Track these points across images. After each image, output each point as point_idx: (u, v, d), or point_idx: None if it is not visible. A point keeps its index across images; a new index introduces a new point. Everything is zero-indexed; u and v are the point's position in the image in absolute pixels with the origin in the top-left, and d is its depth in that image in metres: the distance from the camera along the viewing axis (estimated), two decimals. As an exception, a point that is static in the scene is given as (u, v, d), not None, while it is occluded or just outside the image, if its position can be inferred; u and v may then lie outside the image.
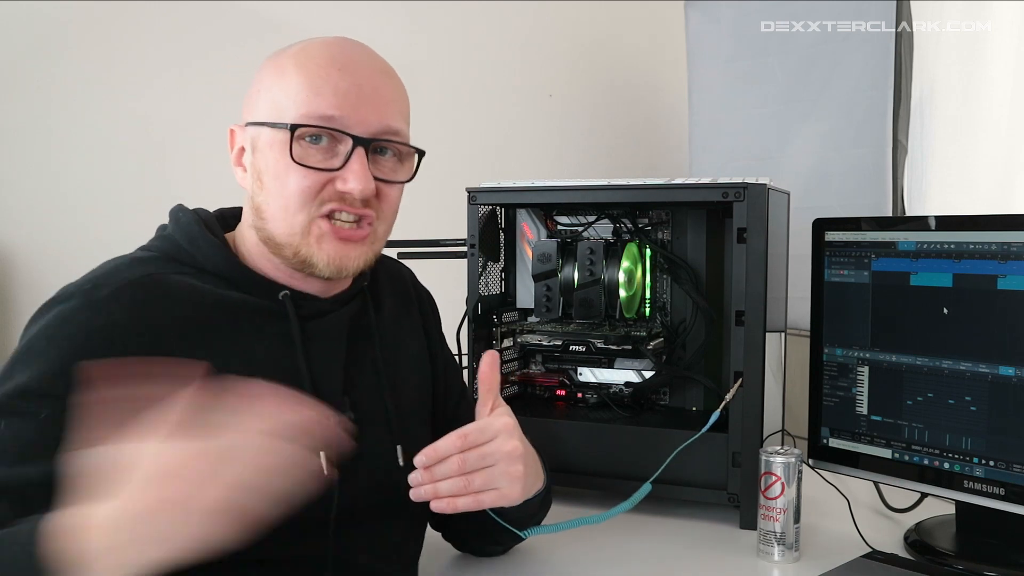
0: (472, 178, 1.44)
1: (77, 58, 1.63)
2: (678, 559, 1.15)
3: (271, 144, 0.88)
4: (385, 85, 0.91)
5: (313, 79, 0.87)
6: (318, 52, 0.88)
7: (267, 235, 0.89)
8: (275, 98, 0.88)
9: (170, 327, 0.83)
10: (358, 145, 0.87)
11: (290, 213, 0.87)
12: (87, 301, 0.82)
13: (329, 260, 0.88)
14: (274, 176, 0.88)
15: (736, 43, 2.07)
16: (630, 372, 1.45)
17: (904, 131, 1.79)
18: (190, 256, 0.89)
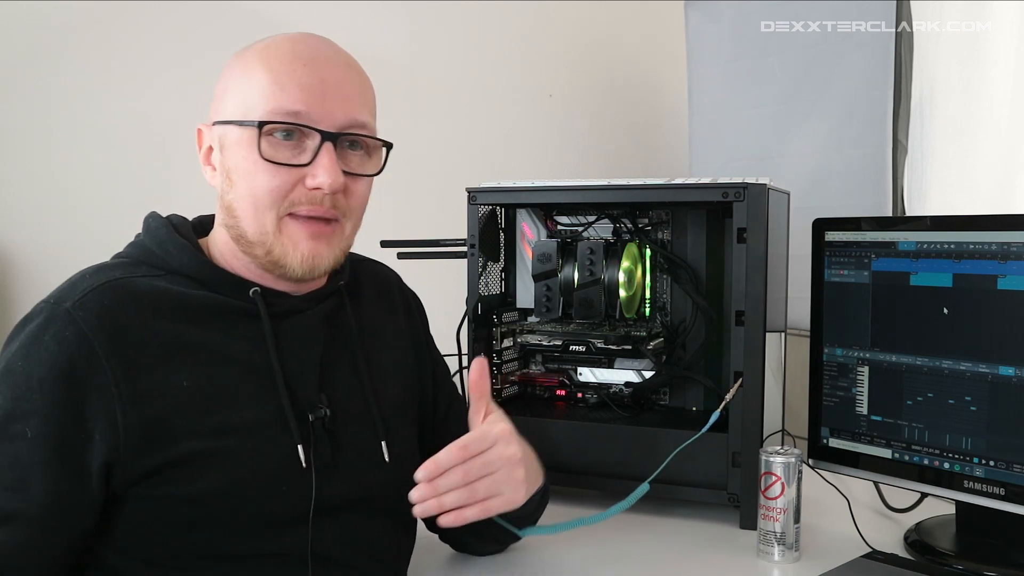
0: (472, 178, 1.44)
1: (77, 58, 1.63)
2: (678, 559, 1.15)
3: (239, 142, 0.88)
4: (350, 79, 0.91)
5: (278, 75, 0.87)
6: (282, 49, 0.88)
7: (239, 233, 0.90)
8: (242, 96, 0.88)
9: (139, 328, 0.84)
10: (326, 140, 0.87)
11: (260, 211, 0.87)
12: (54, 315, 0.82)
13: (302, 259, 0.89)
14: (243, 174, 0.88)
15: (736, 43, 2.07)
16: (630, 372, 1.45)
17: (904, 131, 1.78)
18: (160, 259, 0.90)
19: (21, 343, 0.82)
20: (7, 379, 0.81)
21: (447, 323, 1.43)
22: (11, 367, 0.82)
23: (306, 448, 0.89)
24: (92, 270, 0.88)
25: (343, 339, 0.98)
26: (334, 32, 0.96)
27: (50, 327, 0.82)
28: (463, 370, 1.49)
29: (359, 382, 0.97)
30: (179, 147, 1.72)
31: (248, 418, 0.87)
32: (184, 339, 0.86)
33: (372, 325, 1.03)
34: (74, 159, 1.63)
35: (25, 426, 0.79)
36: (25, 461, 0.79)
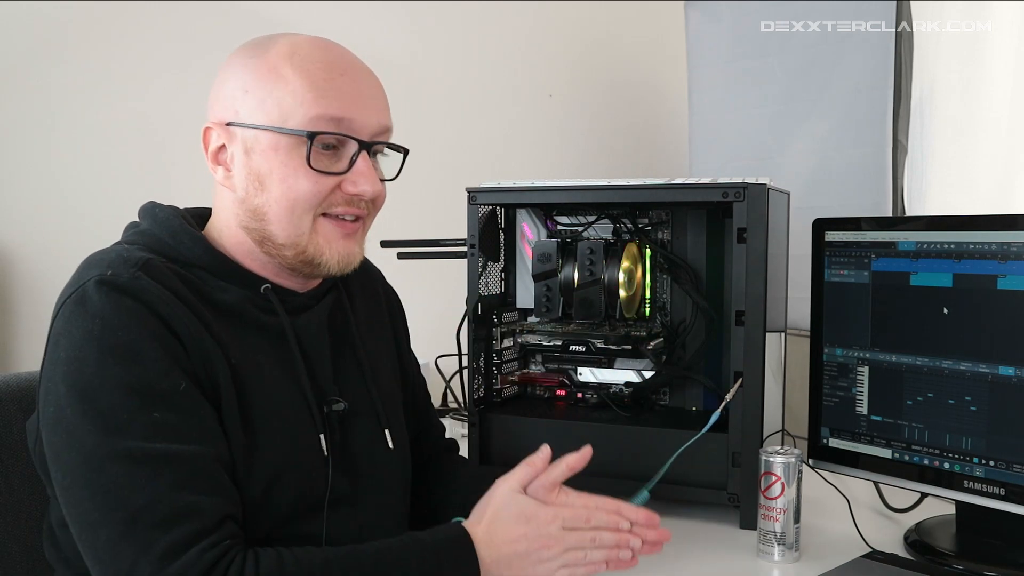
0: (472, 178, 1.44)
1: (77, 58, 1.63)
2: (678, 559, 1.15)
3: (275, 148, 0.88)
4: (377, 85, 0.94)
5: (318, 83, 0.88)
6: (314, 55, 0.89)
7: (266, 235, 0.91)
8: (274, 101, 0.88)
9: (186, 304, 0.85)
10: (363, 148, 0.90)
11: (297, 215, 0.89)
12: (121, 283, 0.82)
13: (340, 258, 0.92)
14: (280, 180, 0.88)
15: (736, 43, 2.07)
16: (630, 372, 1.45)
17: (904, 131, 1.79)
18: (173, 250, 0.90)
19: (100, 316, 0.81)
20: (114, 351, 0.80)
21: (447, 323, 1.43)
22: (106, 340, 0.80)
23: (325, 438, 0.92)
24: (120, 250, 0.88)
25: (344, 332, 1.01)
26: (334, 32, 0.96)
27: (125, 294, 0.81)
28: (463, 370, 1.49)
29: (361, 374, 1.00)
30: (179, 147, 1.73)
31: (280, 408, 0.90)
32: (217, 325, 0.87)
33: (365, 318, 1.06)
34: (74, 159, 1.64)
35: (172, 381, 0.81)
36: (193, 410, 0.81)
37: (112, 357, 0.80)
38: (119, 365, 0.80)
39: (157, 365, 0.80)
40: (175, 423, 0.80)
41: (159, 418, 0.79)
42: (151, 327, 0.81)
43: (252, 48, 0.92)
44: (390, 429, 1.00)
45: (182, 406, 0.81)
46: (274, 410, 0.89)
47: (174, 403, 0.80)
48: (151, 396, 0.79)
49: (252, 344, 0.90)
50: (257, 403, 0.88)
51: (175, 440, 0.79)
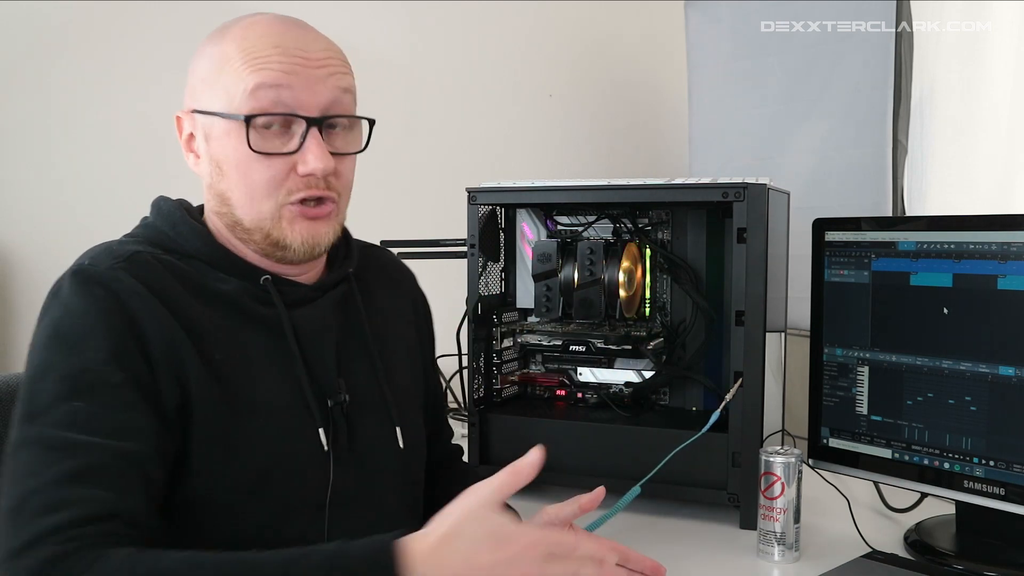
0: (472, 178, 1.44)
1: (77, 58, 1.63)
2: (678, 559, 1.15)
3: (227, 133, 0.87)
4: (328, 57, 0.90)
5: (256, 63, 0.86)
6: (257, 34, 0.87)
7: (234, 220, 0.90)
8: (221, 85, 0.87)
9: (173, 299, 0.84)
10: (312, 125, 0.87)
11: (257, 201, 0.88)
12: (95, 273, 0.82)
13: (303, 240, 0.89)
14: (235, 165, 0.88)
15: (736, 43, 2.07)
16: (630, 372, 1.45)
17: (904, 131, 1.79)
18: (173, 242, 0.90)
19: (67, 305, 0.81)
20: (62, 341, 0.80)
21: (447, 323, 1.43)
22: (63, 330, 0.80)
23: (326, 433, 0.90)
24: (114, 243, 0.88)
25: (355, 326, 0.98)
26: (334, 32, 0.96)
27: (95, 285, 0.81)
28: (463, 370, 1.49)
29: (372, 368, 0.98)
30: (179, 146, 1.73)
31: (272, 400, 0.88)
32: (208, 318, 0.86)
33: (382, 311, 1.03)
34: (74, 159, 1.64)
35: (107, 373, 0.79)
36: (120, 406, 0.79)
37: (58, 345, 0.80)
38: (61, 353, 0.79)
39: (97, 356, 0.79)
40: (94, 415, 0.78)
41: (79, 408, 0.77)
42: (110, 319, 0.80)
43: (215, 33, 0.91)
44: (401, 427, 0.97)
45: (108, 400, 0.79)
46: (262, 405, 0.87)
47: (100, 395, 0.78)
48: (80, 386, 0.78)
49: (246, 337, 0.88)
50: (243, 398, 0.85)
51: (87, 432, 0.77)
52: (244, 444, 0.85)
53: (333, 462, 0.90)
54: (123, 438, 0.78)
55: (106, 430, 0.77)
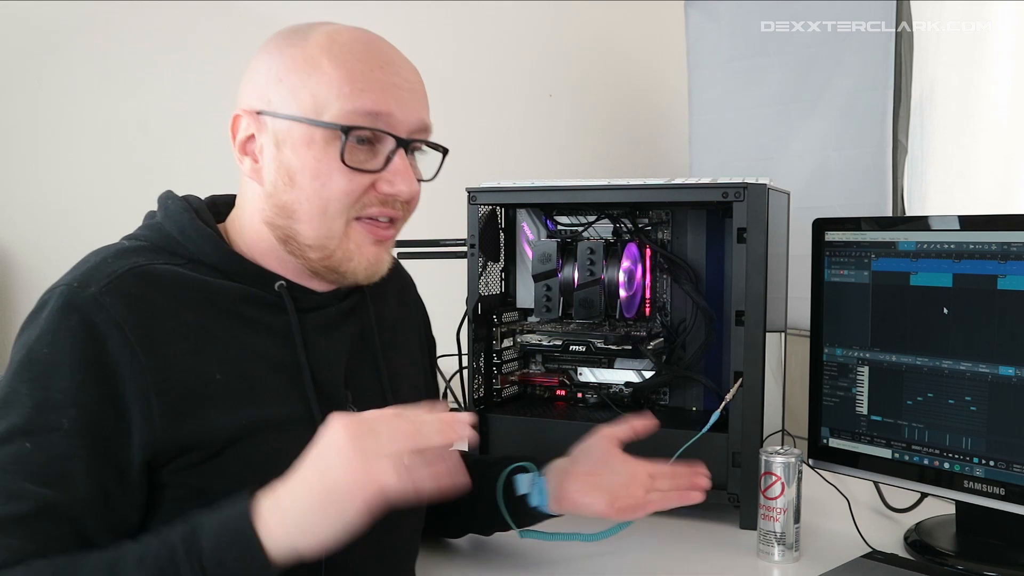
0: (472, 178, 1.44)
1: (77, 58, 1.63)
2: (678, 559, 1.15)
3: (308, 142, 0.84)
4: (419, 82, 0.89)
5: (355, 76, 0.84)
6: (353, 46, 0.85)
7: (292, 234, 0.86)
8: (309, 91, 0.84)
9: (168, 318, 0.80)
10: (400, 146, 0.86)
11: (329, 216, 0.85)
12: (79, 299, 0.78)
13: (368, 265, 0.88)
14: (314, 176, 0.84)
15: (736, 43, 2.07)
16: (630, 372, 1.45)
17: (904, 131, 1.78)
18: (180, 246, 0.86)
19: (43, 329, 0.77)
20: (30, 368, 0.77)
21: (447, 323, 1.43)
22: (33, 355, 0.77)
23: None
24: (112, 252, 0.84)
25: (364, 338, 0.96)
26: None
27: (75, 312, 0.77)
28: (463, 370, 1.49)
29: (379, 382, 0.95)
30: (179, 147, 1.73)
31: (276, 415, 0.85)
32: (212, 330, 0.83)
33: (392, 324, 1.01)
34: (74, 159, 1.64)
35: (60, 416, 0.75)
36: (64, 454, 0.75)
37: (27, 373, 0.77)
38: (26, 383, 0.76)
39: (57, 396, 0.75)
40: (36, 460, 0.74)
41: (24, 450, 0.74)
42: (82, 355, 0.76)
43: (289, 36, 0.88)
44: None
45: (55, 445, 0.75)
46: (266, 420, 0.83)
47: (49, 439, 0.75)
48: (32, 426, 0.75)
49: (253, 347, 0.85)
50: (251, 409, 0.83)
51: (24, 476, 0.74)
52: (242, 462, 0.82)
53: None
54: (58, 488, 0.74)
55: (43, 478, 0.74)
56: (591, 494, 1.03)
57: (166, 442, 0.78)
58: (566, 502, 1.04)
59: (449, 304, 1.50)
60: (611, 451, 1.06)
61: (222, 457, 0.81)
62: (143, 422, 0.77)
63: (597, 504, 1.02)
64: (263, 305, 0.87)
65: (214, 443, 0.81)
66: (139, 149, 1.69)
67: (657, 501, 1.04)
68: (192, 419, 0.79)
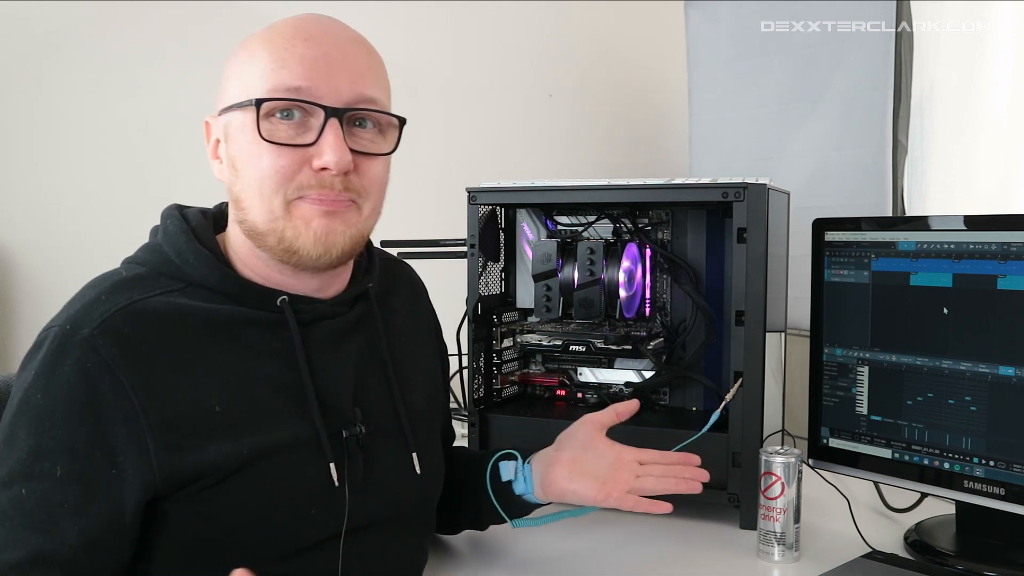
0: (472, 178, 1.44)
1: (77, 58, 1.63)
2: (678, 559, 1.15)
3: (242, 128, 0.83)
4: (357, 52, 0.86)
5: (278, 52, 0.82)
6: (284, 26, 0.84)
7: (249, 226, 0.84)
8: (244, 80, 0.83)
9: (164, 354, 0.79)
10: (331, 116, 0.81)
11: (266, 197, 0.82)
12: (70, 343, 0.77)
13: (315, 238, 0.82)
14: (247, 160, 0.82)
15: (736, 43, 2.07)
16: (630, 372, 1.45)
17: (904, 131, 1.78)
18: (179, 270, 0.84)
19: (37, 373, 0.77)
20: (27, 412, 0.77)
21: (447, 323, 1.42)
22: (29, 399, 0.77)
23: (339, 466, 0.85)
24: (107, 288, 0.82)
25: (373, 346, 0.94)
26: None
27: (68, 357, 0.77)
28: (463, 370, 1.49)
29: (389, 392, 0.93)
30: (180, 147, 1.73)
31: (280, 439, 0.83)
32: (211, 359, 0.81)
33: (402, 330, 1.00)
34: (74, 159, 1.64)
35: (53, 464, 0.75)
36: (55, 501, 0.75)
37: (25, 417, 0.77)
38: (24, 428, 0.76)
39: (51, 443, 0.75)
40: (30, 507, 0.75)
41: (20, 496, 0.75)
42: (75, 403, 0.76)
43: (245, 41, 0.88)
44: (418, 452, 0.93)
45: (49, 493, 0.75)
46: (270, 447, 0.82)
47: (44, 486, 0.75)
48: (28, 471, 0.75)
49: (256, 372, 0.84)
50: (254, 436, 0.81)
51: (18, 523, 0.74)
52: (246, 490, 0.81)
53: (348, 494, 0.86)
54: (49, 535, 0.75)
55: (36, 524, 0.74)
56: (578, 480, 1.01)
57: (165, 479, 0.78)
58: (553, 489, 1.02)
59: (449, 304, 1.50)
60: (595, 436, 1.05)
61: (226, 485, 0.81)
62: (139, 464, 0.77)
63: (586, 490, 1.01)
64: (265, 327, 0.85)
65: (216, 473, 0.80)
66: (139, 149, 1.69)
67: (650, 484, 1.02)
68: (192, 452, 0.79)
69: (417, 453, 0.93)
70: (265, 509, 0.82)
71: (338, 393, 0.88)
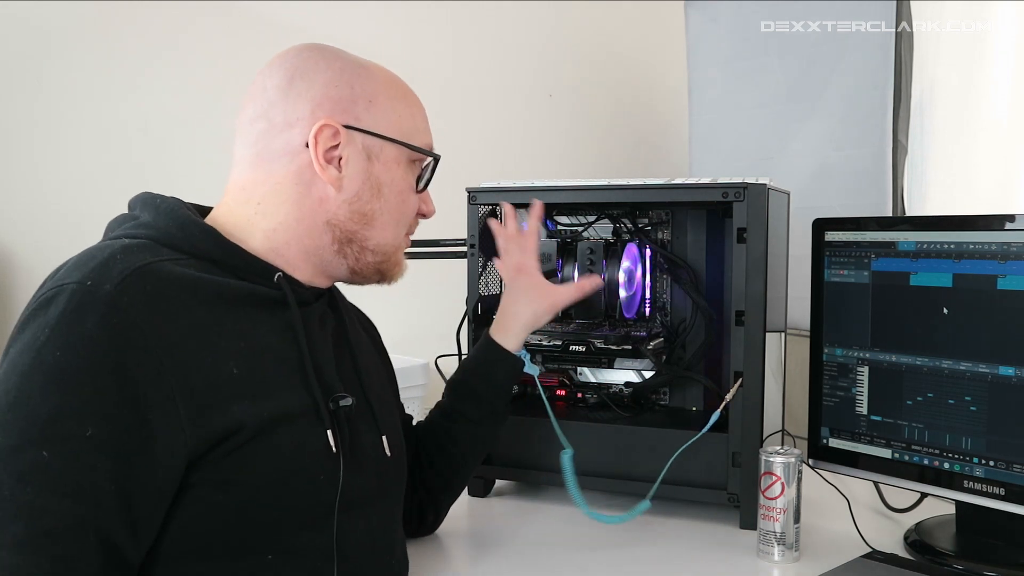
0: (472, 178, 1.44)
1: (78, 58, 1.63)
2: (678, 559, 1.15)
3: (398, 161, 0.95)
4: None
5: (420, 116, 0.98)
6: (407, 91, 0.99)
7: (360, 238, 0.94)
8: (398, 118, 0.95)
9: (184, 315, 0.80)
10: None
11: (399, 228, 0.98)
12: (93, 299, 0.75)
13: (402, 271, 1.01)
14: (398, 192, 0.96)
15: (736, 43, 2.07)
16: (630, 372, 1.45)
17: (904, 131, 1.78)
18: (184, 242, 0.86)
19: (53, 330, 0.74)
20: (41, 371, 0.73)
21: (447, 323, 1.43)
22: (44, 358, 0.73)
23: (334, 435, 0.88)
24: (119, 249, 0.81)
25: (341, 335, 1.00)
26: (333, 32, 0.97)
27: (91, 314, 0.74)
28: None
29: (356, 376, 0.98)
30: (180, 147, 1.73)
31: (289, 406, 0.86)
32: (223, 326, 0.83)
33: (352, 325, 1.05)
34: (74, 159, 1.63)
35: (81, 424, 0.72)
36: (87, 464, 0.72)
37: (39, 376, 0.73)
38: (39, 387, 0.73)
39: (75, 402, 0.73)
40: (57, 470, 0.72)
41: (42, 459, 0.71)
42: (100, 361, 0.74)
43: (348, 60, 0.94)
44: (387, 435, 0.99)
45: (76, 454, 0.72)
46: (278, 414, 0.84)
47: (70, 448, 0.72)
48: (49, 434, 0.72)
49: (261, 340, 0.86)
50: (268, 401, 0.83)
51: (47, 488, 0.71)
52: (267, 455, 0.82)
53: (343, 463, 0.89)
54: (82, 500, 0.72)
55: (66, 489, 0.72)
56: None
57: (197, 441, 0.78)
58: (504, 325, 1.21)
59: (449, 304, 1.50)
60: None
61: (245, 449, 0.81)
62: (170, 427, 0.76)
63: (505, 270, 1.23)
64: (264, 301, 0.88)
65: (242, 433, 0.80)
66: (139, 149, 1.69)
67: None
68: (218, 414, 0.79)
69: (386, 436, 0.99)
70: (282, 474, 0.84)
71: (326, 367, 0.92)
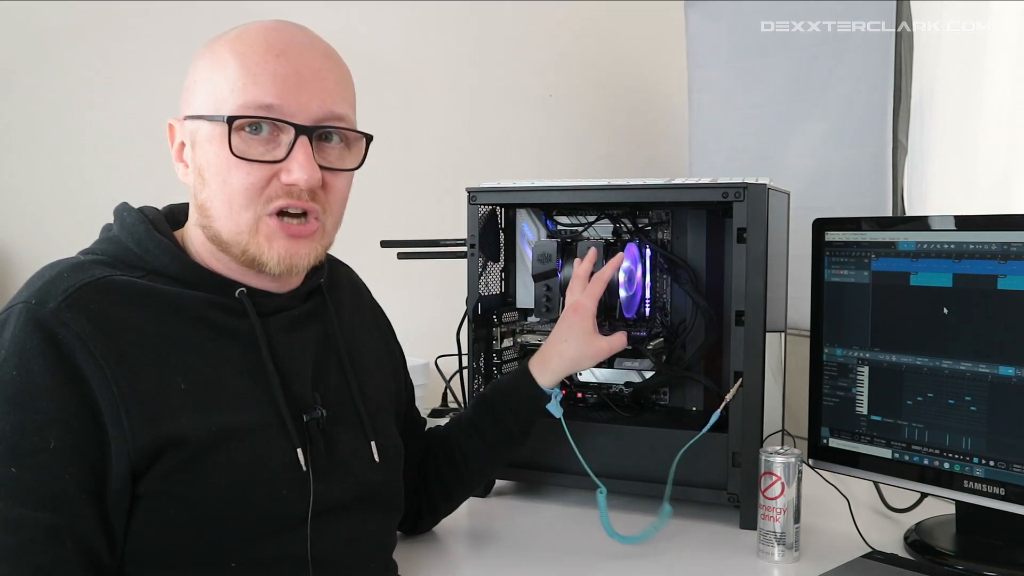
0: (472, 178, 1.44)
1: (77, 58, 1.63)
2: (678, 559, 1.15)
3: (210, 138, 0.84)
4: (327, 69, 0.87)
5: (250, 66, 0.83)
6: (255, 38, 0.85)
7: (213, 233, 0.86)
8: (212, 89, 0.84)
9: (130, 330, 0.80)
10: (301, 134, 0.84)
11: (235, 211, 0.84)
12: (38, 316, 0.77)
13: (280, 259, 0.86)
14: (216, 172, 0.84)
15: (736, 43, 2.07)
16: (630, 372, 1.45)
17: (904, 131, 1.79)
18: (139, 258, 0.86)
19: (8, 350, 0.76)
20: (3, 391, 0.75)
21: (447, 323, 1.43)
22: (2, 377, 0.76)
23: (304, 450, 0.87)
24: (67, 267, 0.82)
25: (328, 338, 0.96)
26: (332, 32, 0.96)
27: (38, 331, 0.76)
28: (463, 370, 1.49)
29: (346, 382, 0.96)
30: (179, 147, 1.73)
31: (246, 421, 0.84)
32: (175, 339, 0.82)
33: (351, 323, 1.02)
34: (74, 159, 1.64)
35: (44, 438, 0.75)
36: (56, 474, 0.75)
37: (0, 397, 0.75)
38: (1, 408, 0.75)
39: (36, 417, 0.75)
40: (28, 483, 0.74)
41: (13, 475, 0.74)
42: (53, 375, 0.76)
43: (207, 44, 0.88)
44: (376, 441, 0.95)
45: (44, 466, 0.74)
46: (236, 428, 0.83)
47: (37, 461, 0.74)
48: (16, 450, 0.74)
49: (219, 353, 0.85)
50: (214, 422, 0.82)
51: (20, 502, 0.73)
52: (217, 470, 0.81)
53: (313, 477, 0.87)
54: (57, 510, 0.74)
55: (39, 501, 0.74)
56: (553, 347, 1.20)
57: (143, 448, 0.78)
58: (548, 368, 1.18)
59: (449, 304, 1.50)
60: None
61: (199, 464, 0.81)
62: (117, 432, 0.77)
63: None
64: (226, 310, 0.87)
65: (187, 446, 0.80)
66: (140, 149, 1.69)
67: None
68: (161, 424, 0.79)
69: (375, 441, 0.96)
70: (236, 489, 0.83)
71: (298, 378, 0.90)
